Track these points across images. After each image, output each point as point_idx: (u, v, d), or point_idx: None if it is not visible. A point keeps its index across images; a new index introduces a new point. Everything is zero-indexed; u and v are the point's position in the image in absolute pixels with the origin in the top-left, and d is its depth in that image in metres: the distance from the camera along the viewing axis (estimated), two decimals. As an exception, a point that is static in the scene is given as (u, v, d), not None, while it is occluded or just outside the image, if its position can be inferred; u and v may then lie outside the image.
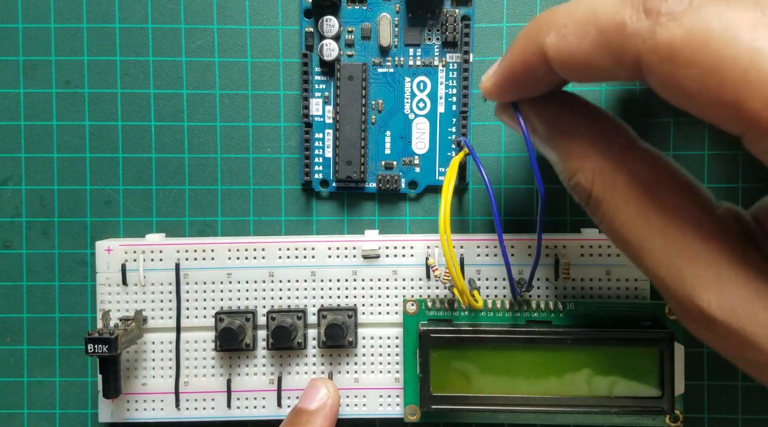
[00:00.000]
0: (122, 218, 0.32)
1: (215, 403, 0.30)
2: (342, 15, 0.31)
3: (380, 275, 0.30)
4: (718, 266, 0.19)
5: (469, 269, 0.29)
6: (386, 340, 0.30)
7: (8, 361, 0.32)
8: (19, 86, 0.31)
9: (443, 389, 0.28)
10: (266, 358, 0.30)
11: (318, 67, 0.31)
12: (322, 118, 0.31)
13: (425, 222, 0.32)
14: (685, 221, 0.19)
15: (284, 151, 0.32)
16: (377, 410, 0.30)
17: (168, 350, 0.30)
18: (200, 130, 0.31)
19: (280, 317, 0.29)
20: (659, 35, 0.17)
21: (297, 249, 0.30)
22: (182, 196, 0.32)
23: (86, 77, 0.31)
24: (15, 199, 0.32)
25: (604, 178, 0.21)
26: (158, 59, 0.31)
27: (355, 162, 0.30)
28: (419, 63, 0.31)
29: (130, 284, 0.30)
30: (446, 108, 0.31)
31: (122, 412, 0.30)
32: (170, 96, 0.31)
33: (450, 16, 0.30)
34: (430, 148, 0.31)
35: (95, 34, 0.31)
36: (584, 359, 0.28)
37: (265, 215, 0.32)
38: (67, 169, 0.32)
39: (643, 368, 0.28)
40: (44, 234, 0.32)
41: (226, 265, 0.30)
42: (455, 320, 0.29)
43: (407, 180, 0.31)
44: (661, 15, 0.17)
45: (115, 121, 0.31)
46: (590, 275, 0.29)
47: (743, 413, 0.31)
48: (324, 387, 0.28)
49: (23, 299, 0.32)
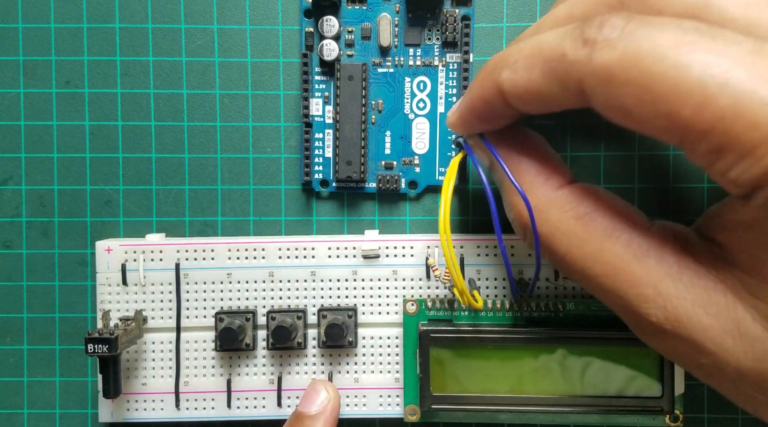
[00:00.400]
0: (122, 218, 0.32)
1: (215, 403, 0.30)
2: (342, 15, 0.31)
3: (380, 275, 0.30)
4: (656, 282, 0.20)
5: (469, 269, 0.29)
6: (386, 340, 0.30)
7: (8, 361, 0.32)
8: (19, 86, 0.31)
9: (443, 389, 0.28)
10: (266, 358, 0.30)
11: (318, 67, 0.31)
12: (322, 118, 0.31)
13: (425, 222, 0.32)
14: (617, 245, 0.21)
15: (284, 151, 0.32)
16: (377, 410, 0.30)
17: (168, 350, 0.30)
18: (200, 130, 0.32)
19: (280, 317, 0.29)
20: (596, 60, 0.19)
21: (297, 249, 0.30)
22: (182, 196, 0.32)
23: (86, 77, 0.31)
24: (15, 199, 0.32)
25: (539, 214, 0.22)
26: (158, 59, 0.31)
27: (355, 162, 0.30)
28: (419, 63, 0.31)
29: (130, 284, 0.30)
30: (446, 108, 0.31)
31: (122, 412, 0.30)
32: (170, 96, 0.31)
33: (450, 16, 0.30)
34: (430, 148, 0.31)
35: (95, 34, 0.31)
36: (584, 358, 0.28)
37: (265, 214, 0.32)
38: (67, 169, 0.32)
39: (643, 368, 0.28)
40: (44, 234, 0.32)
41: (226, 265, 0.30)
42: (455, 320, 0.29)
43: (407, 180, 0.31)
44: (597, 43, 0.19)
45: (115, 121, 0.31)
46: (590, 277, 0.29)
47: (743, 412, 0.31)
48: (324, 390, 0.28)
49: (23, 299, 0.32)
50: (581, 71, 0.19)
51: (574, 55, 0.19)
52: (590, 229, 0.21)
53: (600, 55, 0.18)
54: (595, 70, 0.19)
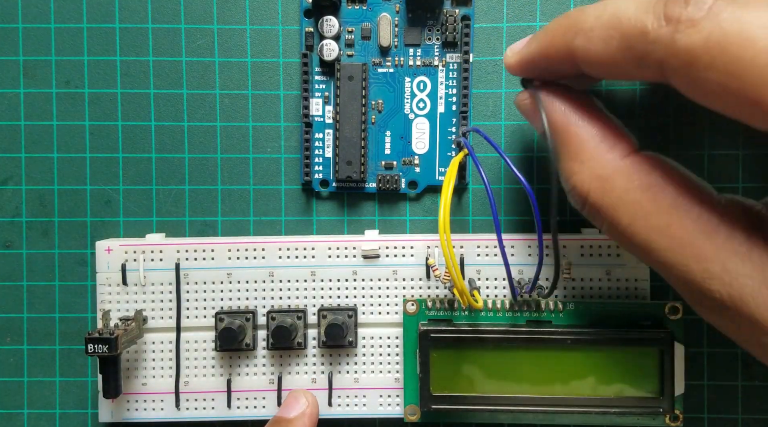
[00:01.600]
0: (122, 218, 0.32)
1: (215, 403, 0.30)
2: (342, 15, 0.31)
3: (380, 275, 0.30)
4: (725, 258, 0.19)
5: (469, 269, 0.29)
6: (386, 340, 0.30)
7: (8, 361, 0.32)
8: (19, 86, 0.31)
9: (443, 389, 0.28)
10: (266, 358, 0.30)
11: (318, 67, 0.31)
12: (322, 118, 0.31)
13: (425, 222, 0.32)
14: (686, 219, 0.20)
15: (284, 151, 0.32)
16: (377, 410, 0.30)
17: (168, 350, 0.30)
18: (200, 130, 0.32)
19: (280, 317, 0.29)
20: (679, 41, 0.17)
21: (297, 249, 0.30)
22: (182, 196, 0.32)
23: (86, 77, 0.31)
24: (15, 199, 0.32)
25: (602, 184, 0.21)
26: (158, 59, 0.31)
27: (355, 162, 0.30)
28: (419, 63, 0.31)
29: (130, 284, 0.30)
30: (446, 108, 0.31)
31: (122, 412, 0.30)
32: (170, 96, 0.31)
33: (450, 16, 0.30)
34: (430, 149, 0.31)
35: (95, 34, 0.31)
36: (584, 359, 0.28)
37: (265, 214, 0.32)
38: (67, 169, 0.32)
39: (643, 368, 0.28)
40: (44, 234, 0.32)
41: (226, 265, 0.30)
42: (455, 320, 0.29)
43: (407, 180, 0.31)
44: (681, 22, 0.17)
45: (115, 121, 0.31)
46: (590, 275, 0.29)
47: (743, 413, 0.31)
48: (303, 397, 0.29)
49: (23, 299, 0.32)
50: (663, 51, 0.18)
51: (656, 33, 0.18)
52: (658, 201, 0.20)
53: (684, 35, 0.17)
54: (678, 52, 0.18)
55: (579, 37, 0.20)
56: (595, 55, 0.20)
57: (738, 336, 0.20)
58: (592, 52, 0.20)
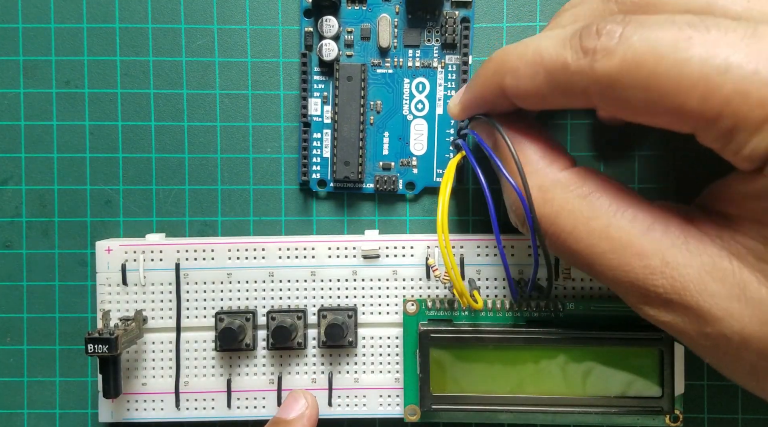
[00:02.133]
0: (122, 218, 0.32)
1: (215, 403, 0.30)
2: (342, 15, 0.31)
3: (380, 275, 0.30)
4: (663, 251, 0.20)
5: (469, 269, 0.29)
6: (386, 340, 0.30)
7: (8, 361, 0.32)
8: (19, 86, 0.31)
9: (443, 389, 0.28)
10: (266, 358, 0.30)
11: (317, 67, 0.31)
12: (321, 118, 0.31)
13: (425, 222, 0.32)
14: (622, 220, 0.21)
15: (284, 151, 0.32)
16: (377, 410, 0.30)
17: (168, 350, 0.30)
18: (200, 130, 0.32)
19: (280, 317, 0.29)
20: (599, 69, 0.19)
21: (297, 249, 0.30)
22: (182, 196, 0.32)
23: (86, 77, 0.31)
24: (15, 199, 0.32)
25: (543, 194, 0.23)
26: (158, 59, 0.31)
27: (352, 162, 0.30)
28: (418, 64, 0.31)
29: (130, 284, 0.30)
30: (445, 110, 0.31)
31: (122, 412, 0.30)
32: (170, 96, 0.31)
33: (450, 17, 0.30)
34: (428, 150, 0.31)
35: (95, 34, 0.31)
36: (584, 359, 0.28)
37: (265, 214, 0.32)
38: (67, 169, 0.32)
39: (643, 368, 0.28)
40: (44, 234, 0.32)
41: (226, 265, 0.30)
42: (455, 320, 0.29)
43: (405, 181, 0.31)
44: (597, 52, 0.19)
45: (115, 121, 0.32)
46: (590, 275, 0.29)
47: (743, 413, 0.31)
48: (303, 398, 0.29)
49: (23, 299, 0.32)
50: (585, 80, 0.20)
51: (576, 65, 0.20)
52: (596, 206, 0.22)
53: (601, 63, 0.19)
54: (600, 79, 0.19)
55: (507, 76, 0.22)
56: (524, 90, 0.22)
57: (682, 332, 0.21)
58: (521, 89, 0.22)
